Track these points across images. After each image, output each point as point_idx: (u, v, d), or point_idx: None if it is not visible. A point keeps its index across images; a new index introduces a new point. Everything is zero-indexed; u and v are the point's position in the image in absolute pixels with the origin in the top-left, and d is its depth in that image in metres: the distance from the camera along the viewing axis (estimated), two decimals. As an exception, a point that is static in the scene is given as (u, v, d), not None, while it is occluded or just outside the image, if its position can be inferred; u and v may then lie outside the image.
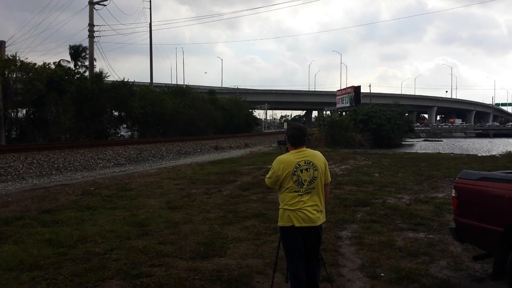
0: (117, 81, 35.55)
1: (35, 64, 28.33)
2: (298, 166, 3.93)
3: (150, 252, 5.83)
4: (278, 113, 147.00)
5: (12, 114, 28.33)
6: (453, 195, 4.94)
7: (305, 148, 4.07)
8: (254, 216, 8.06)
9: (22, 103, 28.19)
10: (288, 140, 4.12)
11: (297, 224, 3.90)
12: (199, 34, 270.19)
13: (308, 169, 3.95)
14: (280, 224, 4.03)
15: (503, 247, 4.24)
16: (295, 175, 3.91)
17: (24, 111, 29.64)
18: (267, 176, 4.09)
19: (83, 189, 11.46)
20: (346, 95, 64.35)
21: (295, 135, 4.07)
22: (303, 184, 3.93)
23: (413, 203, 9.29)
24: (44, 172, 17.32)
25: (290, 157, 3.99)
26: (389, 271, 5.15)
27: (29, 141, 27.26)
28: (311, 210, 3.93)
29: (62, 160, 19.63)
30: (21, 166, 17.30)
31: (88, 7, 37.82)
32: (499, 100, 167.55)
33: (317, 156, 4.06)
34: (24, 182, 14.84)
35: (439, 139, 65.73)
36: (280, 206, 4.04)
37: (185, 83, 68.37)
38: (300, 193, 3.92)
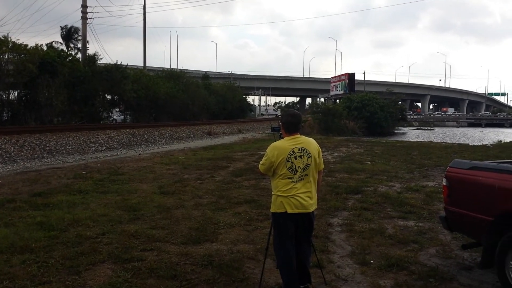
0: (110, 64, 35.20)
1: (27, 45, 27.96)
2: (292, 153, 3.93)
3: (142, 236, 5.84)
4: (272, 100, 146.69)
5: (4, 96, 28.03)
6: (444, 184, 4.97)
7: (299, 135, 4.07)
8: (246, 202, 8.08)
9: (14, 84, 27.88)
10: (282, 127, 4.12)
11: (289, 211, 3.93)
12: (191, 17, 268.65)
13: (302, 156, 3.96)
14: (272, 210, 4.06)
15: (492, 236, 4.29)
16: (289, 162, 3.92)
17: (16, 93, 29.34)
18: (261, 162, 4.09)
19: (75, 173, 11.42)
20: (340, 82, 64.18)
21: (290, 122, 4.06)
22: (297, 171, 3.94)
23: (404, 191, 9.35)
24: (35, 155, 17.24)
25: (285, 144, 3.99)
26: (378, 258, 5.20)
27: (21, 123, 27.03)
28: (303, 196, 3.95)
29: (54, 143, 19.53)
30: (12, 148, 17.20)
31: (81, -12, 37.27)
32: (492, 89, 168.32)
33: (311, 143, 4.07)
34: (15, 164, 14.78)
35: (432, 128, 65.93)
36: (273, 193, 4.06)
37: (178, 67, 67.99)
38: (293, 179, 3.94)
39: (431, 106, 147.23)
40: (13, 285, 4.23)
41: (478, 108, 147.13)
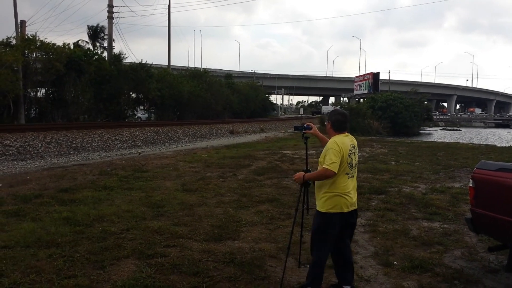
0: (135, 63, 35.69)
1: (54, 44, 28.58)
2: (351, 149, 3.97)
3: (165, 233, 5.90)
4: (295, 99, 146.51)
5: (32, 94, 28.70)
6: (470, 185, 4.87)
7: (348, 133, 4.08)
8: (268, 200, 8.08)
9: (42, 82, 28.56)
10: (331, 125, 4.07)
11: (345, 210, 3.90)
12: (214, 17, 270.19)
13: (355, 153, 4.02)
14: (324, 209, 3.92)
15: (519, 239, 4.19)
16: (350, 157, 3.94)
17: (43, 90, 30.01)
18: (331, 161, 3.80)
19: (100, 169, 11.61)
20: (364, 81, 63.62)
21: (340, 120, 4.05)
22: (353, 167, 3.98)
23: (429, 192, 9.21)
24: (62, 152, 17.60)
25: (344, 139, 3.97)
26: (402, 259, 5.14)
27: (48, 120, 27.66)
28: (353, 193, 4.00)
29: (80, 140, 19.89)
30: (40, 145, 17.59)
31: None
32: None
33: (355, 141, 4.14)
34: (42, 161, 15.11)
35: (458, 129, 64.83)
36: (326, 191, 3.93)
37: (202, 66, 68.47)
38: (350, 175, 3.96)
39: (457, 106, 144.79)
40: (39, 279, 4.32)
41: (506, 108, 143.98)
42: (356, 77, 70.97)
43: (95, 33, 39.99)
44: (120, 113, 34.26)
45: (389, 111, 42.34)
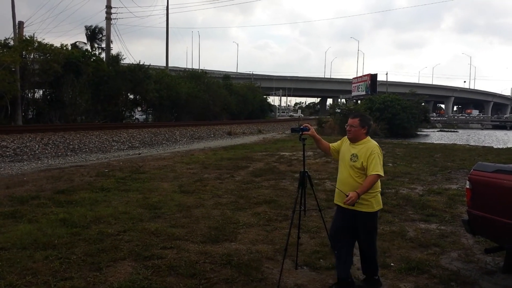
0: (133, 64, 35.67)
1: (52, 45, 28.56)
2: None
3: (162, 234, 5.89)
4: (293, 100, 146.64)
5: (29, 95, 28.67)
6: (467, 187, 4.88)
7: None
8: (265, 202, 8.08)
9: (39, 84, 28.56)
10: (366, 130, 4.20)
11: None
12: (211, 18, 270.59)
13: None
14: (375, 209, 4.15)
15: (515, 241, 4.20)
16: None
17: (41, 92, 30.00)
18: (378, 165, 4.02)
19: (98, 171, 11.59)
20: (362, 83, 63.54)
21: (371, 126, 4.29)
22: None
23: (426, 194, 9.22)
24: (59, 153, 17.57)
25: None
26: (399, 261, 5.14)
27: (45, 121, 27.62)
28: None
29: (78, 141, 19.86)
30: (37, 146, 17.56)
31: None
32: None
33: None
34: (39, 162, 15.07)
35: (455, 130, 64.89)
36: (373, 191, 4.10)
37: (200, 68, 68.56)
38: None
39: (455, 108, 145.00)
40: (36, 280, 4.31)
41: (503, 110, 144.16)
42: (354, 78, 70.85)
43: (93, 34, 39.96)
44: (117, 114, 34.23)
45: (386, 112, 42.33)
